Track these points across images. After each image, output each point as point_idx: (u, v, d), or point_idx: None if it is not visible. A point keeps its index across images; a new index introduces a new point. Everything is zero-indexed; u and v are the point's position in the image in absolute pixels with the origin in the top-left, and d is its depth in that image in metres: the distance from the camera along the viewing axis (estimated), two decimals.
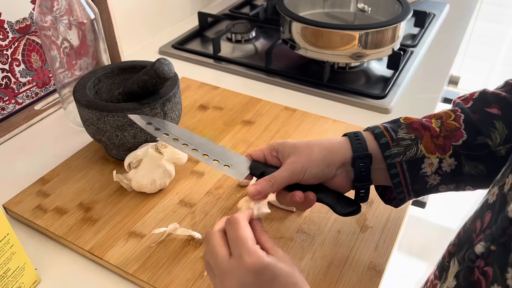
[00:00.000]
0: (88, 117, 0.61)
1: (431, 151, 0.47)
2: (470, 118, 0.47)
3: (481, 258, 0.35)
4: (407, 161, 0.48)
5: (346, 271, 0.52)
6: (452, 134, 0.47)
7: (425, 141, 0.48)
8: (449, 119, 0.48)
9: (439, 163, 0.47)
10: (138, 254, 0.53)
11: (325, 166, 0.48)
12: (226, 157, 0.53)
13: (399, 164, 0.48)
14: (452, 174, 0.48)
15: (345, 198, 0.50)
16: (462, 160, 0.47)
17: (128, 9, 0.99)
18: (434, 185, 0.49)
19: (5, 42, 0.74)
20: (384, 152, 0.48)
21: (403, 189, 0.49)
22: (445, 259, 0.41)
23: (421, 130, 0.48)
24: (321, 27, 0.83)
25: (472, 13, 1.19)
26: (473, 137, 0.47)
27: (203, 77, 0.91)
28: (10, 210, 0.60)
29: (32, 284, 0.51)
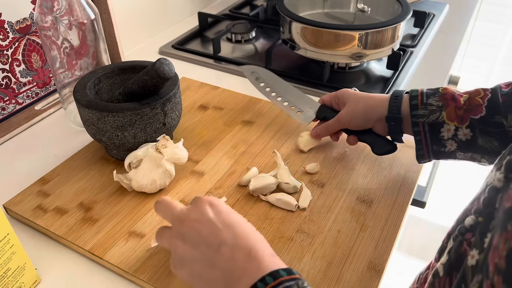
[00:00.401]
0: (88, 117, 0.61)
1: (451, 119, 0.55)
2: (494, 99, 0.53)
3: (469, 231, 0.36)
4: (429, 123, 0.56)
5: (345, 271, 0.52)
6: (473, 108, 0.54)
7: (449, 110, 0.55)
8: (477, 96, 0.54)
9: (455, 131, 0.55)
10: (138, 254, 0.53)
11: (365, 120, 0.62)
12: (301, 102, 0.71)
13: (421, 124, 0.57)
14: (468, 143, 0.55)
15: (383, 139, 0.63)
16: (476, 132, 0.53)
17: (128, 9, 0.99)
18: (451, 150, 0.56)
19: (5, 42, 0.74)
20: (412, 111, 0.57)
21: (422, 147, 0.58)
22: (445, 241, 0.42)
23: (449, 101, 0.55)
24: (321, 27, 0.83)
25: (471, 13, 1.19)
26: (491, 115, 0.53)
27: (203, 77, 0.91)
28: (10, 210, 0.60)
29: (33, 284, 0.51)
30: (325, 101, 0.68)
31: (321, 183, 0.64)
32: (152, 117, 0.62)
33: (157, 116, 0.62)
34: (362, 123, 0.62)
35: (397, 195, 0.62)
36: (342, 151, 0.69)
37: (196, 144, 0.71)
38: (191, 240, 0.41)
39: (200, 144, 0.71)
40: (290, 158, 0.68)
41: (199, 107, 0.80)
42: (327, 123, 0.65)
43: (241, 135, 0.73)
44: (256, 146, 0.70)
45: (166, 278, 0.51)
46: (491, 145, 0.53)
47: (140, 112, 0.60)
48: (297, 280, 0.36)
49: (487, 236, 0.32)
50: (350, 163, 0.67)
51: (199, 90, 0.85)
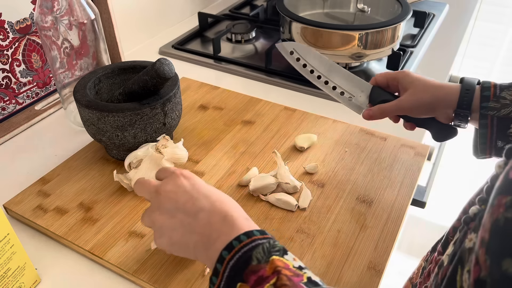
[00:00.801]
0: (88, 117, 0.61)
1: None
2: None
3: (473, 220, 0.36)
4: (499, 117, 0.52)
5: (346, 271, 0.52)
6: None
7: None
8: None
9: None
10: (138, 254, 0.53)
11: (430, 110, 0.56)
12: (351, 85, 0.63)
13: (490, 117, 0.52)
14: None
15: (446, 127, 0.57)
16: None
17: (129, 9, 0.99)
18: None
19: (5, 42, 0.74)
20: (482, 103, 0.53)
21: (486, 141, 0.53)
22: (450, 234, 0.41)
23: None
24: (321, 27, 0.83)
25: (471, 13, 1.19)
26: None
27: (203, 77, 0.91)
28: (10, 210, 0.60)
29: (33, 284, 0.51)
30: (379, 81, 0.61)
31: (321, 183, 0.64)
32: (152, 117, 0.62)
33: (157, 116, 0.62)
34: (426, 112, 0.57)
35: (397, 195, 0.62)
36: (342, 151, 0.69)
37: (196, 144, 0.71)
38: (169, 210, 0.42)
39: (200, 144, 0.71)
40: (290, 158, 0.68)
41: (199, 107, 0.80)
42: (384, 106, 0.59)
43: (241, 135, 0.73)
44: (256, 146, 0.71)
45: (166, 278, 0.51)
46: None
47: (140, 112, 0.60)
48: (269, 239, 0.37)
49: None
50: (350, 163, 0.67)
51: (199, 90, 0.85)
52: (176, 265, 0.52)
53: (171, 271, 0.51)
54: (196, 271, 0.52)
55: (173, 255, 0.53)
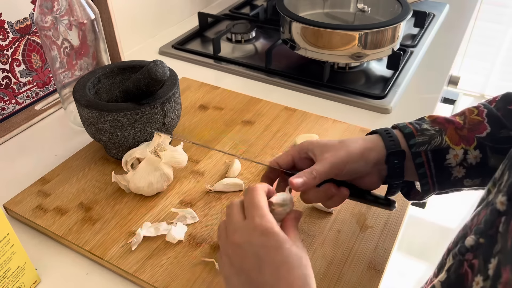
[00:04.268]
0: (88, 117, 0.61)
1: (456, 142, 0.47)
2: (493, 113, 0.48)
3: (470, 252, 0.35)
4: (432, 150, 0.47)
5: (346, 271, 0.52)
6: (476, 127, 0.47)
7: (449, 132, 0.48)
8: (472, 114, 0.49)
9: (464, 155, 0.47)
10: (138, 254, 0.53)
11: (363, 163, 0.48)
12: None
13: (424, 153, 0.48)
14: (478, 167, 0.47)
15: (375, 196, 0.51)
16: (487, 152, 0.47)
17: (128, 9, 0.99)
18: (459, 177, 0.48)
19: (5, 42, 0.74)
20: (409, 141, 0.48)
21: (427, 180, 0.49)
22: (444, 256, 0.41)
23: (444, 124, 0.49)
24: (321, 27, 0.83)
25: (472, 13, 1.19)
26: (497, 130, 0.47)
27: (203, 77, 0.91)
28: (10, 210, 0.60)
29: (33, 284, 0.51)
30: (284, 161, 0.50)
31: None
32: (151, 117, 0.62)
33: (156, 115, 0.62)
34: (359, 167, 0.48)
35: (397, 195, 0.62)
36: None
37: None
38: (235, 264, 0.40)
39: (199, 146, 0.71)
40: None
41: (199, 107, 0.80)
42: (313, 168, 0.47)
43: (241, 136, 0.73)
44: (256, 146, 0.70)
45: (166, 278, 0.51)
46: None
47: (139, 112, 0.60)
48: None
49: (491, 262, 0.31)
50: None
51: (199, 90, 0.85)
52: (176, 265, 0.52)
53: (171, 271, 0.51)
54: (196, 271, 0.52)
55: (173, 255, 0.53)
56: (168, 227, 0.56)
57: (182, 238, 0.54)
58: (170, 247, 0.54)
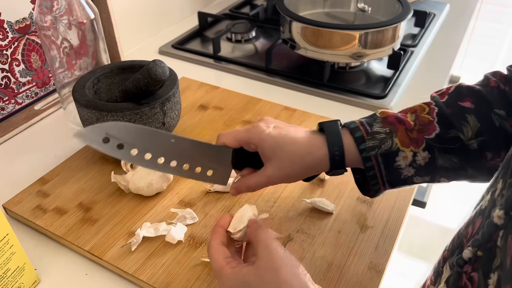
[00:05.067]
0: (87, 116, 0.61)
1: (406, 144, 0.47)
2: (443, 112, 0.48)
3: (468, 264, 0.35)
4: (382, 154, 0.48)
5: (346, 271, 0.52)
6: (425, 127, 0.47)
7: (400, 134, 0.48)
8: (423, 112, 0.49)
9: (413, 157, 0.47)
10: (137, 254, 0.53)
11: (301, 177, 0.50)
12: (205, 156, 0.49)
13: (374, 157, 0.48)
14: (426, 166, 0.48)
15: None
16: (435, 153, 0.47)
17: (128, 9, 0.99)
18: (408, 176, 0.49)
19: (4, 42, 0.74)
20: (360, 146, 0.48)
21: (378, 181, 0.49)
22: (440, 264, 0.41)
23: (396, 124, 0.48)
24: (321, 27, 0.83)
25: (472, 13, 1.19)
26: (445, 131, 0.47)
27: (203, 77, 0.91)
28: (10, 210, 0.60)
29: (32, 284, 0.51)
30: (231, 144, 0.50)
31: (322, 183, 0.63)
32: (151, 117, 0.61)
33: (156, 115, 0.62)
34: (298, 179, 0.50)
35: (398, 195, 0.62)
36: None
37: None
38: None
39: None
40: None
41: (199, 107, 0.80)
42: (250, 182, 0.49)
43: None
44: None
45: (166, 278, 0.50)
46: (451, 163, 0.47)
47: (139, 112, 0.60)
48: None
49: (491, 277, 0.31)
50: None
51: (199, 90, 0.85)
52: (176, 265, 0.52)
53: (171, 271, 0.51)
54: (196, 271, 0.51)
55: (172, 255, 0.53)
56: (167, 227, 0.55)
57: (182, 239, 0.54)
58: (170, 247, 0.54)
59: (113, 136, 0.45)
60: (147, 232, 0.55)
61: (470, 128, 0.46)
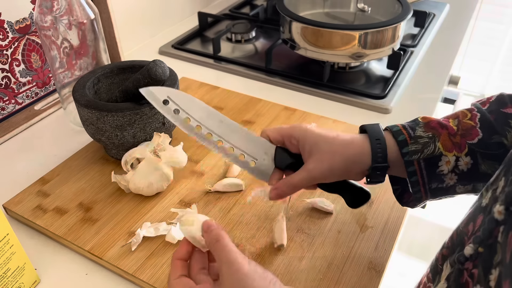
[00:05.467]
0: (87, 117, 0.61)
1: (449, 149, 0.47)
2: (485, 117, 0.47)
3: (469, 260, 0.35)
4: (425, 158, 0.47)
5: (346, 271, 0.52)
6: (468, 132, 0.47)
7: (443, 139, 0.47)
8: (465, 118, 0.48)
9: (455, 162, 0.47)
10: (138, 254, 0.53)
11: (344, 174, 0.49)
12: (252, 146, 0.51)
13: (416, 161, 0.47)
14: (469, 173, 0.47)
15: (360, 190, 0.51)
16: (478, 158, 0.46)
17: (128, 9, 0.99)
18: (451, 185, 0.48)
19: (5, 42, 0.74)
20: (402, 149, 0.48)
21: (420, 188, 0.49)
22: (439, 261, 0.41)
23: (438, 129, 0.48)
24: (321, 27, 0.83)
25: (472, 13, 1.19)
26: (488, 136, 0.46)
27: (203, 77, 0.91)
28: (10, 210, 0.60)
29: (32, 284, 0.51)
30: (273, 138, 0.51)
31: None
32: (151, 117, 0.62)
33: (156, 115, 0.62)
34: (340, 177, 0.50)
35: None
36: None
37: (196, 144, 0.71)
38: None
39: (200, 144, 0.71)
40: None
41: None
42: (293, 181, 0.49)
43: None
44: None
45: (166, 278, 0.51)
46: (494, 170, 0.46)
47: (139, 112, 0.60)
48: None
49: (492, 273, 0.31)
50: None
51: (199, 90, 0.85)
52: None
53: None
54: None
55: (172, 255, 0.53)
56: (168, 227, 0.55)
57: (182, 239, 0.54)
58: (170, 247, 0.54)
59: (172, 100, 0.49)
60: (147, 232, 0.55)
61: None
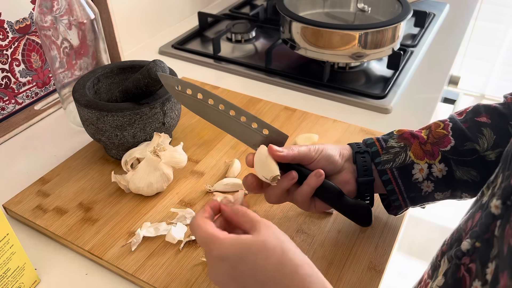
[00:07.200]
0: (87, 116, 0.61)
1: (420, 157, 0.50)
2: (458, 126, 0.50)
3: (467, 255, 0.35)
4: (397, 167, 0.50)
5: (346, 271, 0.52)
6: (440, 140, 0.50)
7: (414, 148, 0.50)
8: (438, 128, 0.51)
9: (428, 169, 0.49)
10: (138, 254, 0.53)
11: (337, 153, 0.51)
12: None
13: (389, 170, 0.50)
14: (445, 179, 0.49)
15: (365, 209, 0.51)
16: (452, 165, 0.49)
17: (128, 9, 0.99)
18: (429, 192, 0.50)
19: (5, 42, 0.74)
20: (375, 159, 0.51)
21: (397, 196, 0.51)
22: (438, 258, 0.41)
23: (410, 139, 0.51)
24: (321, 27, 0.83)
25: (472, 13, 1.19)
26: (461, 143, 0.49)
27: (203, 77, 0.91)
28: (10, 210, 0.60)
29: (32, 284, 0.51)
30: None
31: None
32: (151, 117, 0.62)
33: (156, 115, 0.62)
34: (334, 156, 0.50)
35: None
36: None
37: (196, 144, 0.71)
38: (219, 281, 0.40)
39: (200, 144, 0.71)
40: None
41: None
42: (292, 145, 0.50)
43: None
44: None
45: (166, 278, 0.51)
46: (470, 176, 0.48)
47: (139, 112, 0.60)
48: None
49: (488, 266, 0.31)
50: None
51: None
52: (176, 265, 0.52)
53: (171, 271, 0.51)
54: (196, 271, 0.51)
55: (172, 255, 0.53)
56: (167, 227, 0.55)
57: (182, 238, 0.54)
58: (170, 247, 0.54)
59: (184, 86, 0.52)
60: (147, 232, 0.55)
61: (485, 139, 0.48)
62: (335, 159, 0.50)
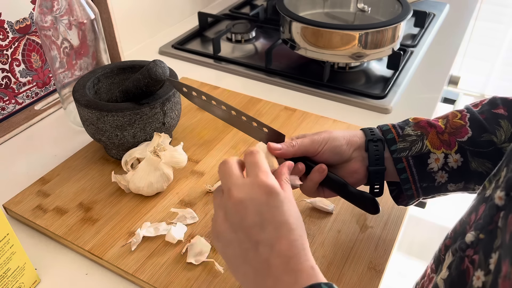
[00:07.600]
0: (87, 116, 0.61)
1: (437, 146, 0.49)
2: (475, 117, 0.49)
3: (471, 247, 0.35)
4: (413, 156, 0.49)
5: (346, 271, 0.52)
6: (458, 131, 0.48)
7: (431, 137, 0.49)
8: (455, 118, 0.50)
9: (444, 159, 0.48)
10: (138, 254, 0.53)
11: (345, 143, 0.50)
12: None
13: (405, 158, 0.49)
14: (459, 170, 0.48)
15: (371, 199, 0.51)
16: (468, 156, 0.48)
17: (128, 9, 0.99)
18: (442, 183, 0.49)
19: (5, 42, 0.74)
20: (391, 147, 0.50)
21: (410, 186, 0.50)
22: (441, 252, 0.41)
23: (427, 128, 0.50)
24: (321, 27, 0.83)
25: (472, 13, 1.19)
26: (478, 134, 0.48)
27: (203, 77, 0.91)
28: (10, 210, 0.60)
29: (32, 284, 0.51)
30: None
31: None
32: (151, 117, 0.62)
33: (156, 115, 0.62)
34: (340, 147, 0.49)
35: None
36: None
37: (196, 144, 0.71)
38: (232, 221, 0.38)
39: (200, 144, 0.71)
40: None
41: (199, 107, 0.80)
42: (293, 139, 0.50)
43: (241, 135, 0.73)
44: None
45: (166, 278, 0.51)
46: (485, 168, 0.48)
47: (139, 112, 0.60)
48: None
49: (492, 257, 0.31)
50: None
51: None
52: (176, 265, 0.52)
53: (171, 271, 0.51)
54: (196, 271, 0.51)
55: (172, 255, 0.53)
56: (167, 227, 0.56)
57: (182, 238, 0.54)
58: (170, 247, 0.54)
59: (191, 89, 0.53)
60: (147, 232, 0.55)
61: (503, 131, 0.47)
62: (342, 150, 0.49)
